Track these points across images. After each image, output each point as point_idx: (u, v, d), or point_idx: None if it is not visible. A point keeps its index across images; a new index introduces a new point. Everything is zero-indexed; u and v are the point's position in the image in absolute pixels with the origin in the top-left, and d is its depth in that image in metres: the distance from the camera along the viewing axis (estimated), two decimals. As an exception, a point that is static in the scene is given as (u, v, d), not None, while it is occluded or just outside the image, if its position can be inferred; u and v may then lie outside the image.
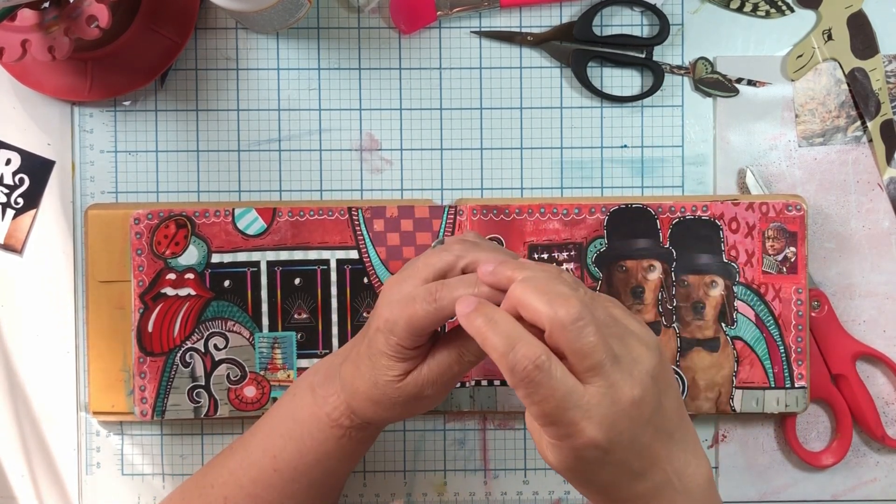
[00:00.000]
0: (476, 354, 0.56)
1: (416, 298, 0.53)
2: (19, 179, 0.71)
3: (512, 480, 0.72)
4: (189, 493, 0.61)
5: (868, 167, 0.72)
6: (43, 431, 0.71)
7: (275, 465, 0.59)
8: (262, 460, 0.59)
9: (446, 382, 0.56)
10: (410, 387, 0.56)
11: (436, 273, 0.55)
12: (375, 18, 0.71)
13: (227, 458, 0.61)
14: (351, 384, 0.57)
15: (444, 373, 0.56)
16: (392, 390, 0.56)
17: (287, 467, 0.59)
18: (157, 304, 0.68)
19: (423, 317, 0.53)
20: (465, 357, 0.56)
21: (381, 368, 0.55)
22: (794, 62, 0.71)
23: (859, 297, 0.72)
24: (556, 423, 0.48)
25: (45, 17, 0.61)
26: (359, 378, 0.57)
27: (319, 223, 0.69)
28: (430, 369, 0.56)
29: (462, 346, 0.56)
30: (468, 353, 0.56)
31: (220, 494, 0.60)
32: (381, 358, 0.55)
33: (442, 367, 0.56)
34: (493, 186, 0.72)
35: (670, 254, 0.69)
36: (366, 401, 0.57)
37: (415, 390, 0.56)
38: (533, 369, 0.47)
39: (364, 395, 0.57)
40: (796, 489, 0.72)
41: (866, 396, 0.71)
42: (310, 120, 0.71)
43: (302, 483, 0.59)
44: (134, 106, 0.71)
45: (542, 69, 0.72)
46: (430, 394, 0.56)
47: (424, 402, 0.57)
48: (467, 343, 0.55)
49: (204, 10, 0.71)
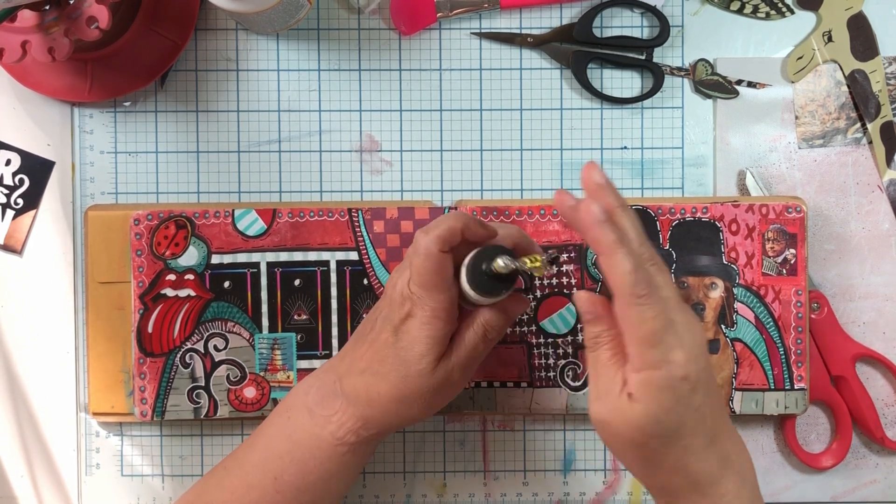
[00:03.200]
0: (499, 330, 0.59)
1: (442, 223, 0.56)
2: (19, 180, 0.71)
3: (512, 481, 0.72)
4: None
5: (868, 169, 0.72)
6: (43, 432, 0.71)
7: (276, 486, 0.59)
8: (264, 481, 0.59)
9: (472, 364, 0.59)
10: (441, 372, 0.57)
11: (442, 234, 0.56)
12: (376, 19, 0.71)
13: (222, 477, 0.61)
14: (366, 393, 0.58)
15: (470, 354, 0.58)
16: (424, 380, 0.57)
17: (289, 489, 0.58)
18: (156, 305, 0.68)
19: (451, 233, 0.56)
20: (490, 334, 0.58)
21: (413, 359, 0.56)
22: (794, 64, 0.71)
23: (859, 298, 0.72)
24: (659, 343, 0.50)
25: (46, 18, 0.61)
26: (381, 381, 0.57)
27: (319, 224, 0.69)
28: (457, 353, 0.58)
29: (486, 323, 0.58)
30: (492, 329, 0.58)
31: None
32: (415, 345, 0.56)
33: (469, 347, 0.58)
34: (492, 188, 0.72)
35: (670, 255, 0.69)
36: (390, 402, 0.57)
37: (445, 375, 0.57)
38: (651, 287, 0.50)
39: (388, 396, 0.57)
40: (796, 491, 0.72)
41: (866, 398, 0.71)
42: (310, 121, 0.71)
43: (303, 501, 0.59)
44: (134, 107, 0.71)
45: (542, 70, 0.72)
46: (458, 378, 0.58)
47: (450, 390, 0.59)
48: (490, 319, 0.58)
49: (204, 11, 0.71)
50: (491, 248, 0.57)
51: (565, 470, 0.72)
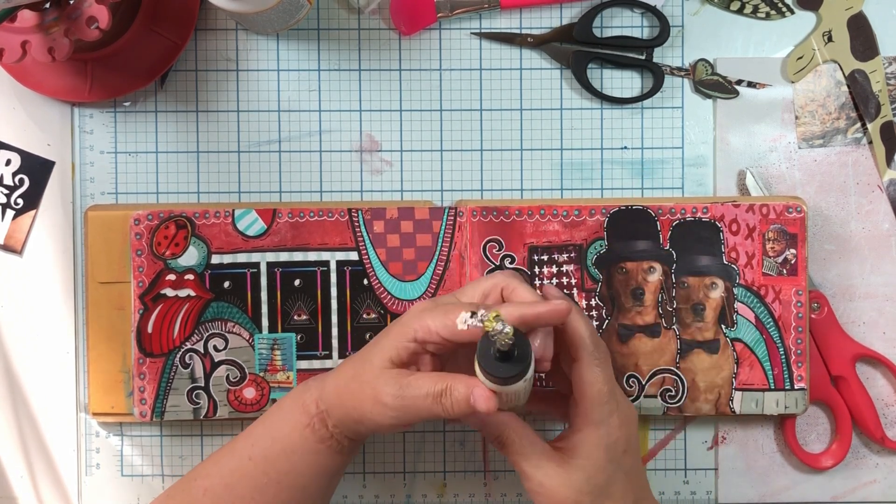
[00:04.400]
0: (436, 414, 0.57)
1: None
2: (19, 180, 0.71)
3: (512, 482, 0.72)
4: (174, 490, 0.62)
5: (868, 169, 0.72)
6: (42, 432, 0.71)
7: (251, 453, 0.60)
8: (243, 448, 0.61)
9: (411, 405, 0.57)
10: (390, 377, 0.57)
11: (480, 292, 0.60)
12: (376, 19, 0.71)
13: (212, 455, 0.62)
14: (332, 376, 0.60)
15: (415, 399, 0.56)
16: (374, 368, 0.57)
17: (259, 456, 0.60)
18: (156, 305, 0.68)
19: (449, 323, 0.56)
20: (434, 408, 0.56)
21: (374, 349, 0.58)
22: (794, 64, 0.71)
23: (859, 298, 0.72)
24: (605, 403, 0.57)
25: (46, 19, 0.61)
26: (345, 364, 0.60)
27: (319, 224, 0.69)
28: (413, 384, 0.56)
29: (436, 395, 0.56)
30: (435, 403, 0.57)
31: (201, 486, 0.60)
32: (381, 340, 0.58)
33: (418, 395, 0.56)
34: (493, 188, 0.72)
35: (670, 255, 0.69)
36: (346, 374, 0.59)
37: (394, 381, 0.57)
38: (606, 356, 0.59)
39: (346, 372, 0.60)
40: (796, 491, 0.72)
41: (866, 398, 0.71)
42: (310, 121, 0.71)
43: (271, 477, 0.59)
44: (134, 107, 0.71)
45: (543, 70, 0.72)
46: (392, 401, 0.57)
47: (393, 401, 0.57)
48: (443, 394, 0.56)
49: (204, 11, 0.71)
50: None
51: (565, 470, 0.72)
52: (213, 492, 0.60)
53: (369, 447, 0.72)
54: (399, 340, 0.57)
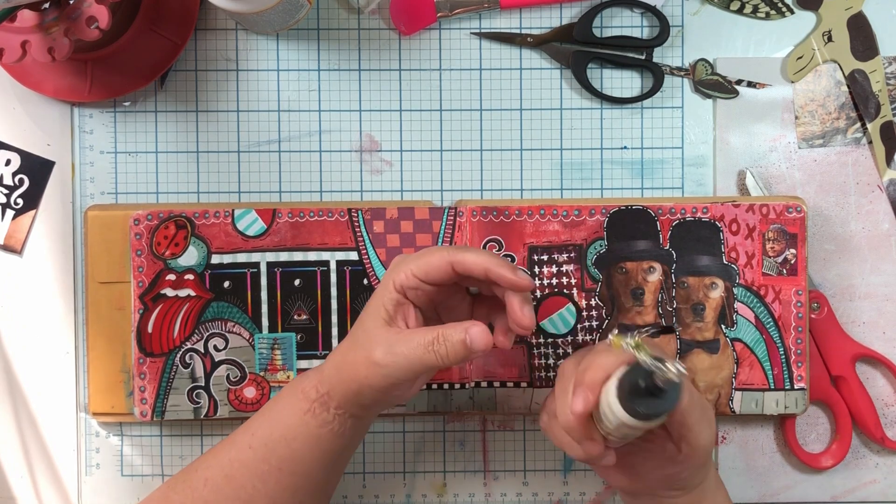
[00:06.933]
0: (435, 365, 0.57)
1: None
2: (19, 180, 0.71)
3: (512, 482, 0.72)
4: (175, 481, 0.62)
5: (868, 169, 0.72)
6: (42, 432, 0.71)
7: (251, 442, 0.60)
8: (242, 438, 0.60)
9: (408, 366, 0.57)
10: (385, 333, 0.57)
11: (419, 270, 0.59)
12: (375, 19, 0.71)
13: (213, 447, 0.62)
14: (332, 353, 0.61)
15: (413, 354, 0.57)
16: (369, 328, 0.58)
17: (259, 444, 0.59)
18: (156, 305, 0.68)
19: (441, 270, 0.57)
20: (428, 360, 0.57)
21: (368, 311, 0.59)
22: (794, 64, 0.71)
23: (859, 298, 0.72)
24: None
25: (45, 18, 0.61)
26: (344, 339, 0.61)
27: (319, 224, 0.69)
28: (406, 342, 0.57)
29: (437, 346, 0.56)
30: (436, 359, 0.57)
31: (202, 477, 0.60)
32: (374, 300, 0.59)
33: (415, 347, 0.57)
34: (492, 188, 0.72)
35: (670, 255, 0.69)
36: (344, 345, 0.60)
37: (386, 339, 0.57)
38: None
39: (345, 345, 0.60)
40: (796, 491, 0.72)
41: (866, 398, 0.71)
42: (310, 121, 0.71)
43: (272, 464, 0.59)
44: (134, 107, 0.71)
45: (542, 70, 0.72)
46: (384, 358, 0.57)
47: (389, 366, 0.57)
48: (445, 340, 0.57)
49: (204, 12, 0.71)
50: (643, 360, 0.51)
51: (565, 470, 0.72)
52: (213, 482, 0.60)
53: (369, 447, 0.72)
54: (384, 295, 0.58)
